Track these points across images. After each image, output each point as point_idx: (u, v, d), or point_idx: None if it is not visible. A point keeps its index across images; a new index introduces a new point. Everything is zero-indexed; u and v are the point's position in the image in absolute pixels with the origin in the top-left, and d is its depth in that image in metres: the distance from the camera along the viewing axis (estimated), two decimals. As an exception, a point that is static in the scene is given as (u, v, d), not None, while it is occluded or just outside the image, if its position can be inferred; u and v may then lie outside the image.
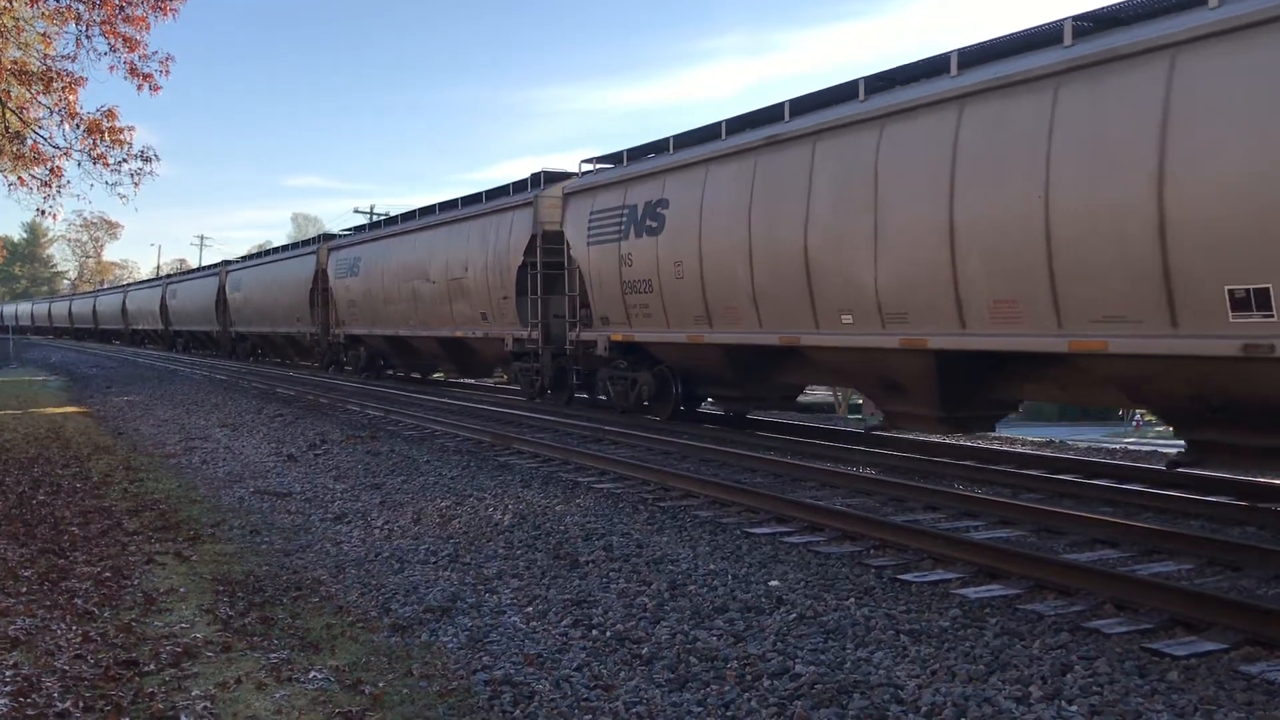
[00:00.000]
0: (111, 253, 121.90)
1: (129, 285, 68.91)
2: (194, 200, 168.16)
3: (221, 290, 38.79)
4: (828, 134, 11.58)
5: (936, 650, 5.20)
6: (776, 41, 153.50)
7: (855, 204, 11.05)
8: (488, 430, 14.42)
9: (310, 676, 5.15)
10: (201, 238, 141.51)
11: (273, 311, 33.16)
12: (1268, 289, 7.57)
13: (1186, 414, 8.92)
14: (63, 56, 14.12)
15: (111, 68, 13.76)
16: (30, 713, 4.65)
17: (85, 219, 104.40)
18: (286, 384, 25.14)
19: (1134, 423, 37.28)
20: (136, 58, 13.70)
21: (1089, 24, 9.21)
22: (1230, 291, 7.84)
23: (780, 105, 12.66)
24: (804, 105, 12.38)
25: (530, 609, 6.19)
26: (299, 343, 31.90)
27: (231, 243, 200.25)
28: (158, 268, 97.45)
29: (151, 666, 5.29)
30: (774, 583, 6.55)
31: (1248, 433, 8.36)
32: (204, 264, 54.38)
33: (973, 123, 9.82)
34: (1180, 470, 9.35)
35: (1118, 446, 14.01)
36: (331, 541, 8.34)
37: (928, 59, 10.86)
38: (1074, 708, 4.43)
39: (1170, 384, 8.71)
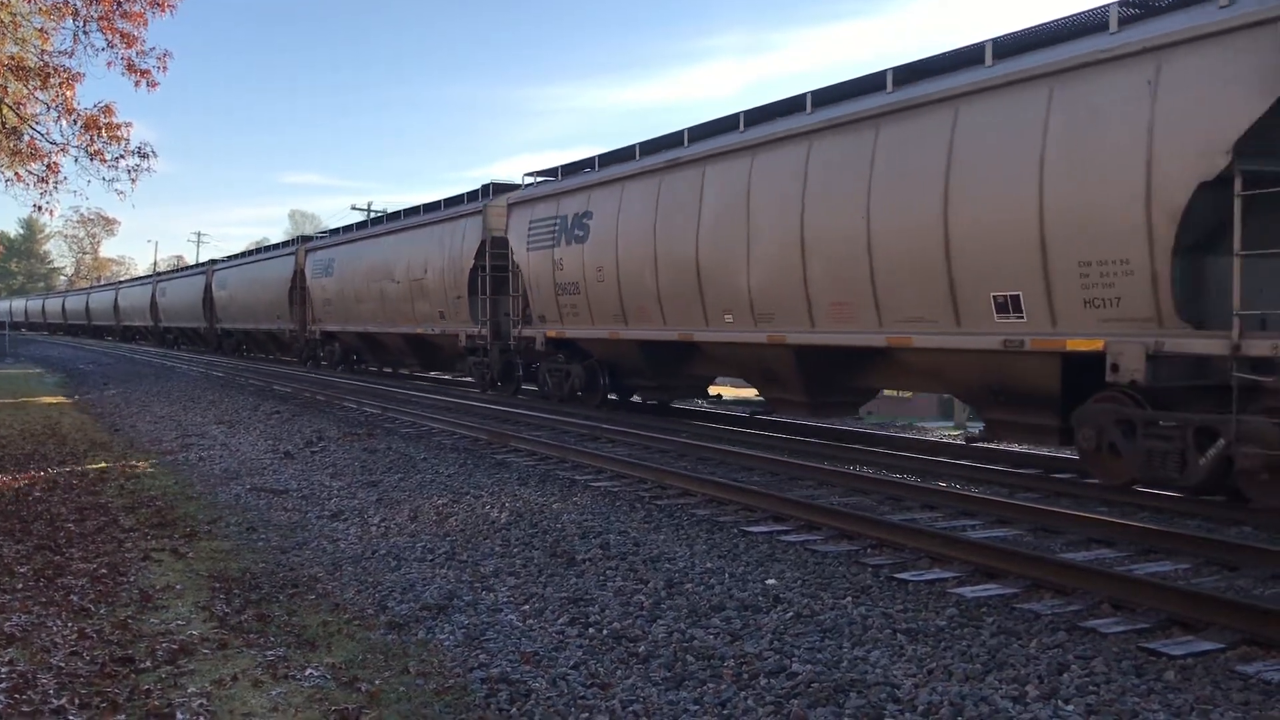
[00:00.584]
0: (108, 249, 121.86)
1: (121, 283, 70.24)
2: (191, 197, 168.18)
3: (208, 288, 40.29)
4: (714, 159, 13.61)
5: (933, 649, 5.20)
6: (775, 41, 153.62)
7: (733, 220, 13.08)
8: (485, 428, 14.42)
9: (306, 674, 5.15)
10: (199, 234, 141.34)
11: (255, 309, 34.72)
12: (1019, 295, 9.62)
13: (978, 397, 10.95)
14: (60, 52, 14.10)
15: (109, 64, 13.75)
16: (25, 710, 4.64)
17: (82, 215, 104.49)
18: (283, 381, 25.12)
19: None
20: (134, 54, 13.69)
21: (906, 74, 11.06)
22: (994, 297, 9.88)
23: (681, 132, 14.59)
24: (699, 133, 14.34)
25: (527, 607, 6.19)
26: (279, 339, 33.37)
27: (229, 239, 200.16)
28: (154, 264, 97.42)
29: (148, 663, 5.29)
30: (771, 581, 6.55)
31: (1020, 412, 10.28)
32: (200, 260, 55.43)
33: (818, 154, 11.81)
34: (976, 444, 11.75)
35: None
36: (328, 539, 8.34)
37: (790, 98, 12.65)
38: (1070, 707, 4.43)
39: (962, 372, 10.79)
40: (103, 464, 12.64)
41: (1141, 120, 8.53)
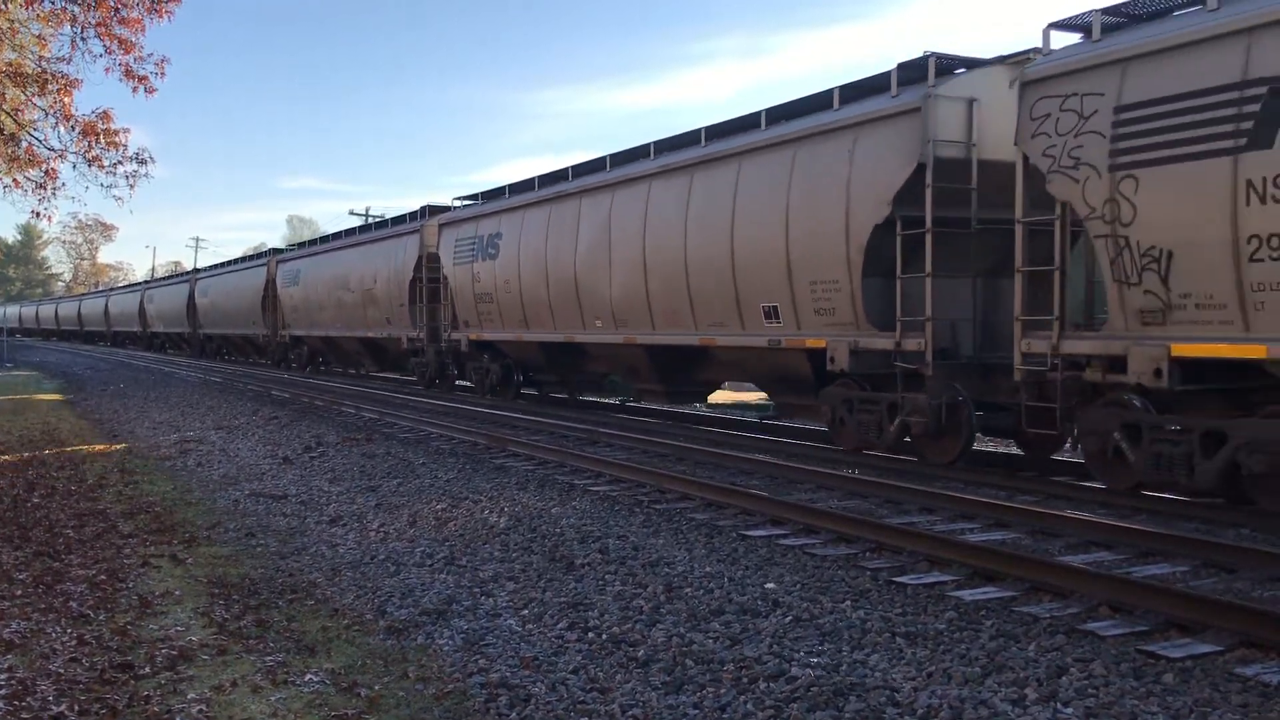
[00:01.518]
0: (106, 254, 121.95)
1: (111, 290, 72.68)
2: (190, 202, 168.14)
3: (192, 296, 43.09)
4: (588, 193, 16.70)
5: (932, 652, 5.21)
6: (773, 44, 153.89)
7: (600, 243, 16.03)
8: (483, 432, 14.43)
9: (306, 679, 5.15)
10: (197, 239, 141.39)
11: (233, 315, 37.71)
12: (778, 306, 12.58)
13: (767, 383, 14.60)
14: (58, 59, 14.10)
15: (107, 70, 13.74)
16: (25, 716, 4.64)
17: (80, 221, 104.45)
18: (281, 386, 25.13)
19: None
20: (132, 60, 13.67)
21: (714, 132, 14.29)
22: (763, 307, 12.83)
23: (566, 169, 17.99)
24: (579, 170, 17.58)
25: (526, 611, 6.19)
26: (255, 342, 36.52)
27: (227, 244, 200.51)
28: (153, 269, 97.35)
29: (147, 670, 5.29)
30: (770, 585, 6.56)
31: (792, 394, 13.58)
32: (198, 266, 56.75)
33: (655, 193, 14.92)
34: (768, 421, 15.87)
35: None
36: (327, 544, 8.34)
37: (641, 146, 15.92)
38: (1069, 710, 4.44)
39: (752, 365, 14.12)
40: (101, 470, 12.63)
41: (844, 177, 11.51)
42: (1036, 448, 11.13)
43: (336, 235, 30.03)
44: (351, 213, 65.95)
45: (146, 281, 65.39)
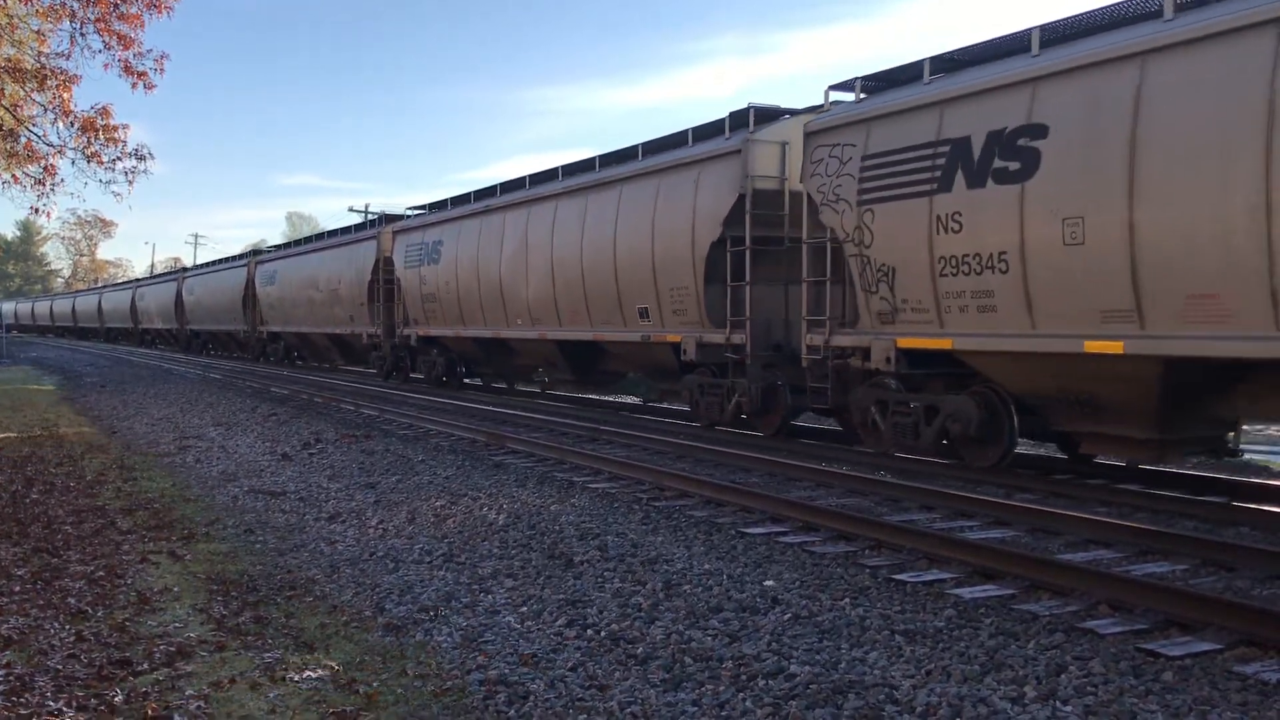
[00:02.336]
0: (105, 251, 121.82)
1: (104, 288, 74.49)
2: (189, 198, 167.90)
3: (179, 294, 45.33)
4: (511, 208, 19.28)
5: (931, 650, 5.20)
6: (772, 42, 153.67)
7: (520, 252, 18.54)
8: (482, 429, 14.42)
9: (304, 676, 5.14)
10: (196, 236, 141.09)
11: (217, 312, 40.15)
12: (648, 307, 15.16)
13: (648, 374, 17.18)
14: (57, 54, 14.11)
15: (106, 65, 13.76)
16: (23, 712, 4.63)
17: (79, 217, 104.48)
18: (280, 383, 25.12)
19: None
20: (131, 55, 13.70)
21: (605, 160, 17.00)
22: (638, 308, 15.41)
23: (495, 186, 20.61)
24: (506, 188, 20.12)
25: (525, 609, 6.19)
26: (236, 338, 38.88)
27: (227, 241, 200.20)
28: (152, 266, 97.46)
29: (145, 666, 5.28)
30: (769, 582, 6.55)
31: (665, 382, 16.39)
32: (195, 263, 57.95)
33: (561, 210, 17.43)
34: (653, 404, 19.17)
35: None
36: (326, 541, 8.33)
37: (549, 169, 18.69)
38: (1069, 708, 4.43)
39: (635, 358, 16.62)
40: (100, 466, 12.62)
41: (691, 203, 14.23)
42: (850, 426, 12.58)
43: (307, 239, 32.94)
44: (351, 209, 66.35)
45: (138, 280, 68.26)
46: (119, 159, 14.37)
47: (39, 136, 14.66)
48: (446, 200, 22.55)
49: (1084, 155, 8.85)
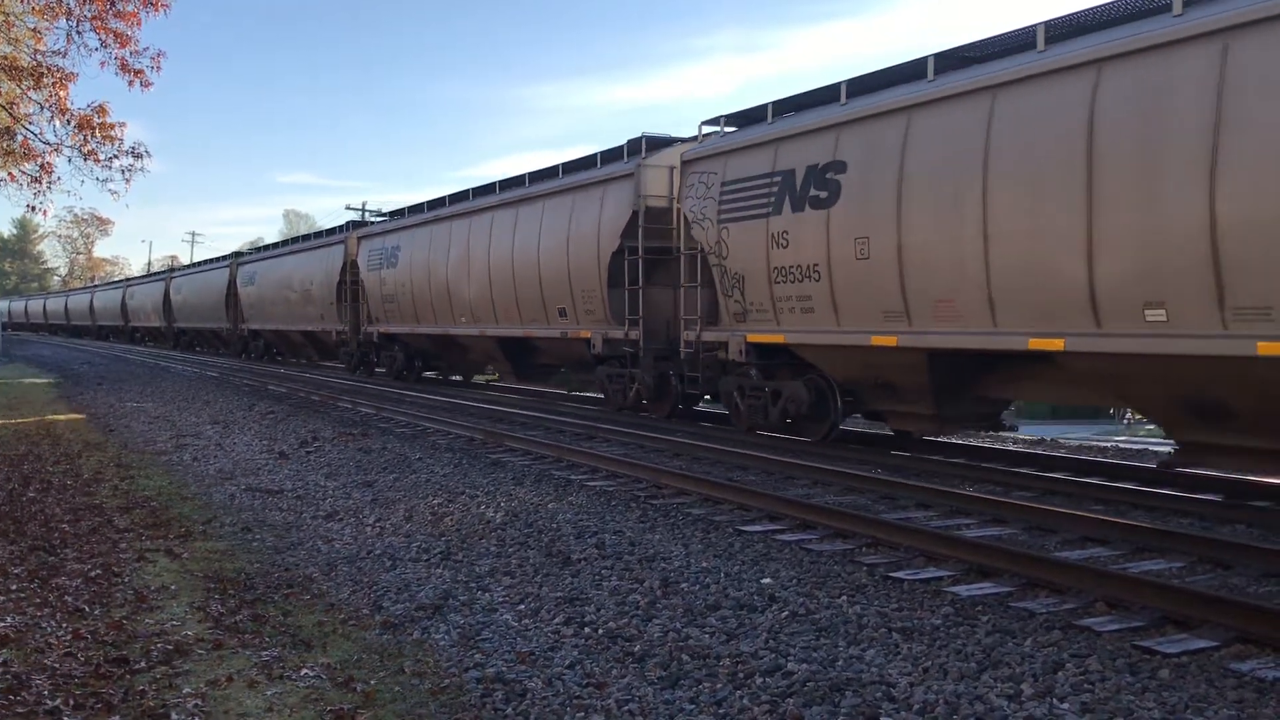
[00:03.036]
0: (102, 249, 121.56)
1: (96, 287, 76.09)
2: (186, 196, 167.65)
3: (167, 293, 47.24)
4: (456, 218, 21.48)
5: (928, 648, 5.21)
6: (769, 40, 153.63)
7: (462, 258, 20.74)
8: (480, 428, 14.42)
9: (302, 674, 5.14)
10: (193, 234, 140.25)
11: (202, 311, 41.98)
12: (565, 308, 17.25)
13: (569, 365, 19.50)
14: (53, 52, 14.07)
15: (102, 63, 13.72)
16: (20, 711, 4.63)
17: (76, 215, 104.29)
18: (277, 381, 25.12)
19: (1125, 421, 37.44)
20: (128, 53, 13.66)
21: (535, 176, 19.27)
22: (558, 309, 17.51)
23: (445, 198, 22.96)
24: (454, 199, 22.48)
25: (522, 607, 6.19)
26: (220, 335, 40.74)
27: (224, 239, 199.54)
28: (149, 264, 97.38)
29: (142, 664, 5.28)
30: (766, 580, 6.56)
31: (584, 373, 18.66)
32: (195, 260, 59.03)
33: (496, 221, 19.63)
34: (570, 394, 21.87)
35: (1108, 444, 14.05)
36: (323, 539, 8.33)
37: (488, 184, 21.10)
38: (1065, 705, 4.44)
39: (559, 351, 18.75)
40: (97, 464, 12.61)
41: (597, 218, 16.33)
42: (735, 411, 14.15)
43: (284, 242, 35.51)
44: (348, 207, 66.36)
45: (128, 279, 70.34)
46: (116, 157, 14.35)
47: (36, 134, 14.64)
48: (404, 209, 24.85)
49: (869, 188, 11.00)
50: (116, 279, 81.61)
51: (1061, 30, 9.51)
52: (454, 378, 25.88)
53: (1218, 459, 8.66)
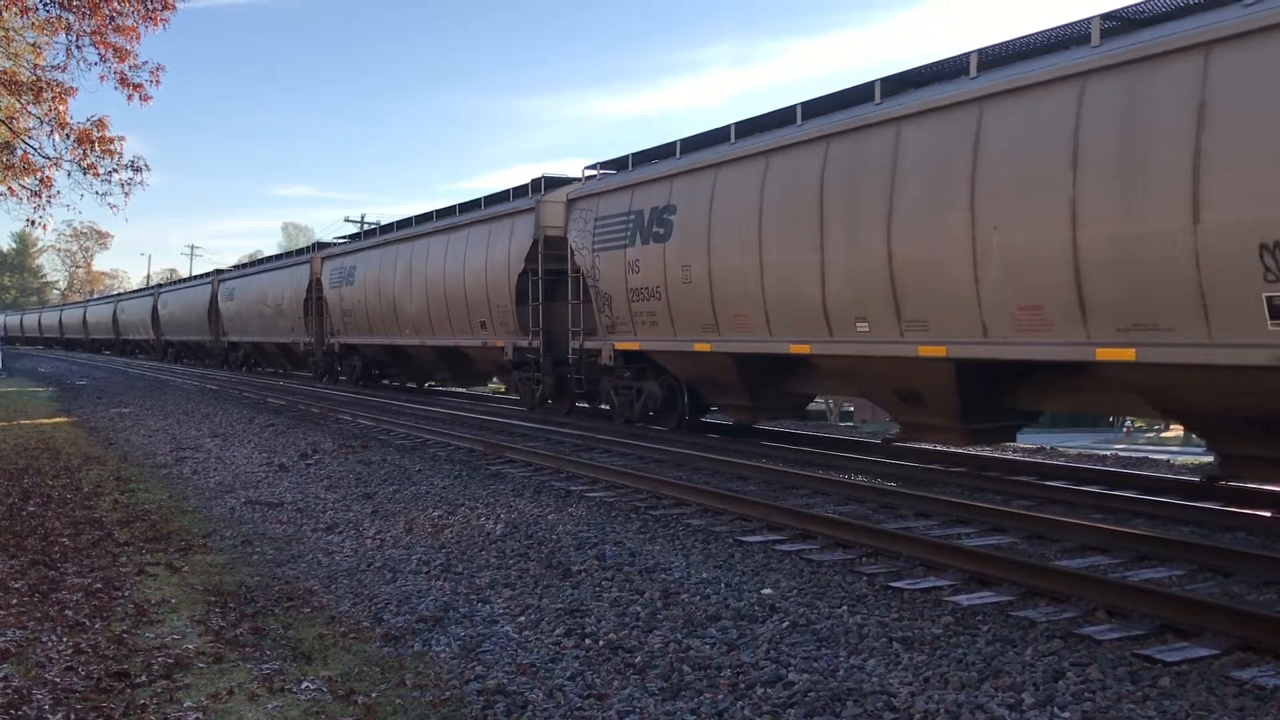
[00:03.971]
0: (102, 262, 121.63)
1: (89, 301, 78.39)
2: (185, 210, 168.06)
3: (155, 308, 49.90)
4: (402, 242, 24.00)
5: (929, 657, 5.21)
6: (764, 52, 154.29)
7: (408, 277, 23.19)
8: (479, 439, 14.42)
9: (303, 687, 5.14)
10: (192, 247, 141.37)
11: (187, 324, 44.68)
12: (485, 320, 19.68)
13: (495, 371, 22.09)
14: (53, 67, 14.09)
15: (102, 78, 13.72)
16: (21, 725, 4.63)
17: (75, 229, 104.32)
18: (277, 394, 25.11)
19: (1124, 429, 37.46)
20: (127, 68, 13.65)
21: (465, 207, 21.80)
22: (479, 321, 19.95)
23: (394, 223, 25.95)
24: (403, 224, 25.07)
25: (523, 618, 6.19)
26: (204, 347, 43.29)
27: (223, 252, 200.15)
28: (148, 277, 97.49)
29: (143, 678, 5.28)
30: (766, 591, 6.56)
31: (503, 378, 22.04)
32: (193, 274, 59.97)
33: (432, 246, 22.25)
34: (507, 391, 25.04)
35: (1107, 453, 14.06)
36: (323, 551, 8.32)
37: (427, 213, 23.73)
38: (1066, 714, 4.44)
39: (483, 359, 21.20)
40: (97, 478, 12.60)
41: (507, 245, 18.86)
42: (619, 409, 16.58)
43: (259, 261, 38.59)
44: (347, 219, 66.54)
45: (119, 294, 73.11)
46: (115, 171, 14.34)
47: (35, 149, 14.65)
48: (360, 233, 27.85)
49: (691, 226, 13.70)
50: (108, 294, 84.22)
51: (815, 108, 12.19)
52: (409, 384, 28.19)
53: (926, 434, 11.50)
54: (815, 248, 11.50)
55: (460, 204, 22.21)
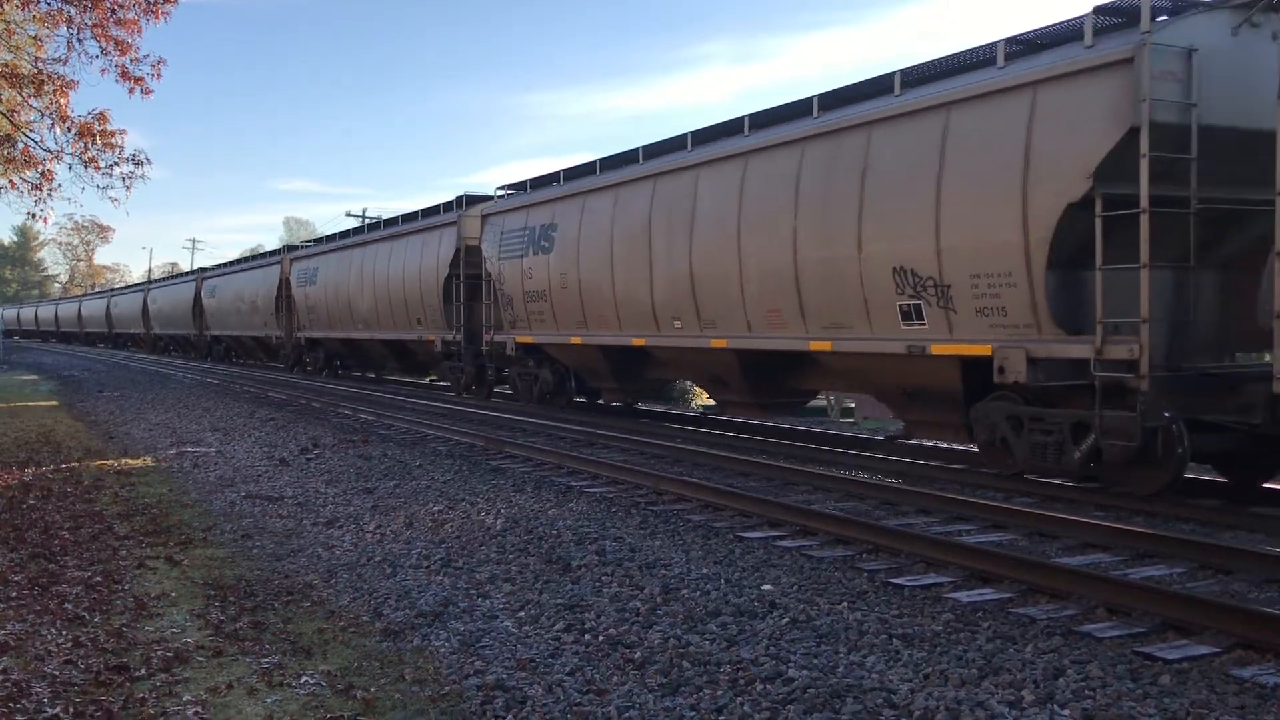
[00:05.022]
0: (103, 256, 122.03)
1: (84, 296, 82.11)
2: (186, 204, 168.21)
3: (145, 304, 52.97)
4: (357, 247, 27.15)
5: (929, 654, 5.20)
6: (765, 48, 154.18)
7: (362, 279, 26.14)
8: (480, 434, 14.42)
9: (302, 681, 5.14)
10: (194, 241, 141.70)
11: (174, 319, 47.99)
12: (421, 318, 22.75)
13: (432, 362, 24.31)
14: (54, 59, 14.08)
15: (103, 71, 13.72)
16: (20, 718, 4.63)
17: (76, 222, 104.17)
18: (279, 388, 25.13)
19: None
20: (128, 61, 13.66)
21: (407, 217, 24.82)
22: (415, 319, 22.95)
23: (349, 230, 29.52)
24: (356, 231, 28.52)
25: (523, 613, 6.18)
26: (189, 340, 46.57)
27: (224, 246, 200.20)
28: (149, 271, 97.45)
29: (142, 672, 5.27)
30: (767, 587, 6.55)
31: (434, 364, 24.78)
32: (193, 268, 60.46)
33: (380, 251, 25.32)
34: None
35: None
36: (323, 546, 8.32)
37: (377, 221, 30.10)
38: (1066, 712, 4.43)
39: (420, 351, 23.48)
40: (97, 472, 12.60)
41: (436, 252, 22.05)
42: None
43: (237, 261, 42.11)
44: (348, 214, 66.32)
45: (112, 289, 76.86)
46: (116, 164, 14.34)
47: (36, 142, 14.64)
48: (323, 238, 30.16)
49: (566, 242, 16.69)
50: (101, 290, 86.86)
51: (651, 151, 15.28)
52: (368, 374, 30.68)
53: (732, 409, 15.01)
54: (646, 263, 14.73)
55: (404, 214, 25.21)
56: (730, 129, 13.56)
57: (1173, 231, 8.68)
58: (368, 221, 24.14)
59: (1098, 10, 9.07)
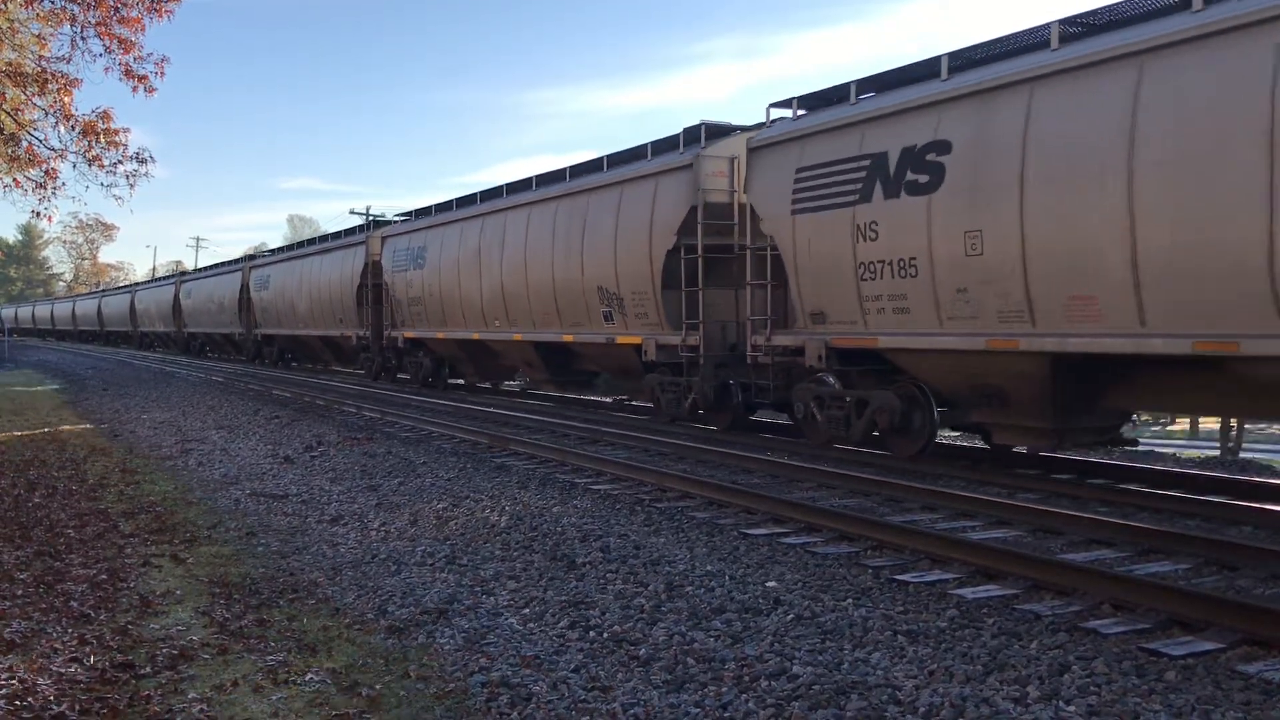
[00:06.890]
0: (107, 254, 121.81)
1: (77, 296, 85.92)
2: (190, 202, 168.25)
3: (132, 303, 58.00)
4: (305, 257, 31.34)
5: (934, 651, 5.20)
6: (769, 45, 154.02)
7: (301, 287, 30.69)
8: (484, 432, 14.42)
9: (307, 679, 5.14)
10: (198, 239, 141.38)
11: (157, 318, 52.69)
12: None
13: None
14: (58, 58, 14.06)
15: (106, 69, 13.69)
16: (25, 716, 4.64)
17: (80, 221, 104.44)
18: (282, 386, 25.15)
19: (1130, 422, 37.28)
20: (131, 59, 13.63)
21: (333, 236, 30.75)
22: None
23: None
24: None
25: (527, 610, 6.18)
26: (170, 337, 50.85)
27: (228, 244, 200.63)
28: (153, 269, 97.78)
29: (148, 669, 5.28)
30: (771, 583, 6.55)
31: (350, 358, 30.94)
32: (199, 265, 62.86)
33: (314, 263, 30.38)
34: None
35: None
36: (328, 543, 8.33)
37: (314, 237, 34.41)
38: (1072, 708, 4.43)
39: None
40: (102, 469, 12.62)
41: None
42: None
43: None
44: (352, 212, 66.58)
45: (103, 290, 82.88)
46: (120, 162, 14.31)
47: (40, 140, 14.63)
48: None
49: (433, 260, 22.25)
50: (93, 290, 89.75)
51: (517, 187, 19.53)
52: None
53: (543, 386, 20.27)
54: (478, 278, 19.75)
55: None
56: (524, 185, 19.50)
57: (717, 266, 13.98)
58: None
59: (685, 130, 14.66)
